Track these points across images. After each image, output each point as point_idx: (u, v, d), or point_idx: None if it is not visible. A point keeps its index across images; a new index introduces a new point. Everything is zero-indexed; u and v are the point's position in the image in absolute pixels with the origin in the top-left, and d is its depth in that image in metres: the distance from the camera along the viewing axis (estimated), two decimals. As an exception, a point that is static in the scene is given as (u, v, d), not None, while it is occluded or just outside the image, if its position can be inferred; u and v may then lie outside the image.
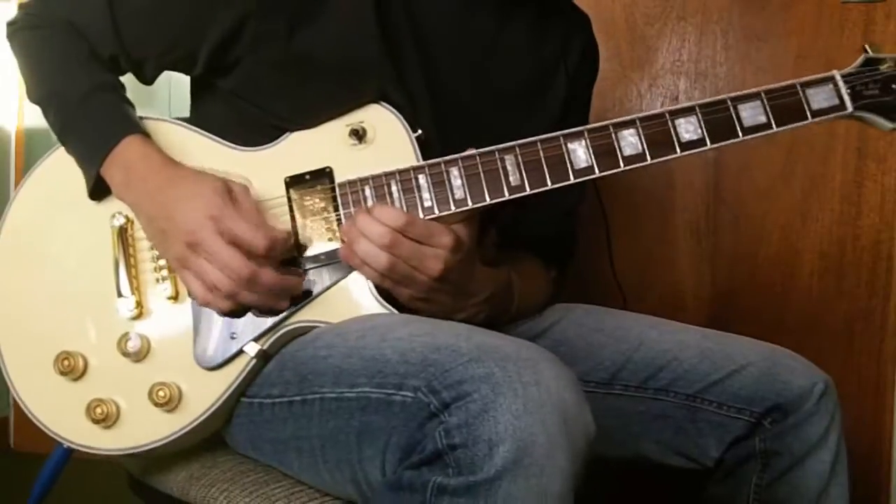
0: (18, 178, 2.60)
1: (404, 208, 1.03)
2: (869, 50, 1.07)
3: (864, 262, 1.89)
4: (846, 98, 1.05)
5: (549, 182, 1.04)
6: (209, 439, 1.09)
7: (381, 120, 1.08)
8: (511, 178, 1.04)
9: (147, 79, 1.16)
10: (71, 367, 1.03)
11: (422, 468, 0.80)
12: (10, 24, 1.17)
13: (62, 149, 1.11)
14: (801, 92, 1.05)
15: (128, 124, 1.08)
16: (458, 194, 1.04)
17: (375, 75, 1.09)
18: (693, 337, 1.16)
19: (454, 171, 1.04)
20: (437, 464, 0.79)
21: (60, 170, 1.11)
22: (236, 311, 1.02)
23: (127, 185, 1.05)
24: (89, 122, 1.08)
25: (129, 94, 1.13)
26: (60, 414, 1.04)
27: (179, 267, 1.01)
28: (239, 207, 1.00)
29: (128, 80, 1.16)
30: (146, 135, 1.08)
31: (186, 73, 1.16)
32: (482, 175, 1.04)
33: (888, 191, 1.86)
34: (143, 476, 1.15)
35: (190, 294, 1.02)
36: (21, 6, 1.18)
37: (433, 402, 0.81)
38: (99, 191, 1.08)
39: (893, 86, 1.06)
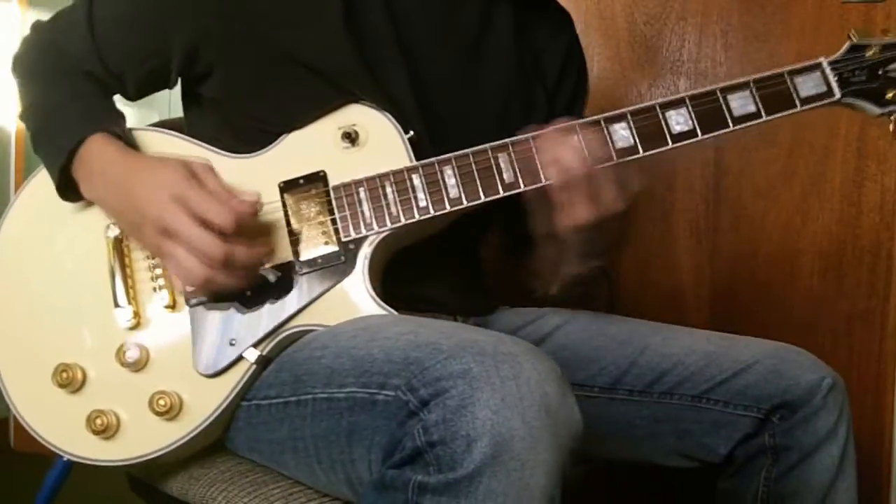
0: (18, 179, 2.60)
1: (399, 209, 1.04)
2: (853, 37, 1.08)
3: (864, 262, 1.88)
4: (834, 85, 1.06)
5: (543, 178, 1.04)
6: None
7: (373, 122, 1.08)
8: (505, 176, 1.04)
9: (130, 94, 1.16)
10: (70, 380, 1.03)
11: (404, 467, 0.80)
12: (14, 57, 1.19)
13: None
14: (788, 80, 1.06)
15: (94, 125, 1.07)
16: (453, 193, 1.04)
17: (349, 75, 1.09)
18: (698, 342, 1.16)
19: (448, 171, 1.05)
20: (417, 462, 0.79)
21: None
22: (218, 296, 1.03)
23: (90, 183, 1.05)
24: (59, 127, 1.08)
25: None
26: (60, 426, 1.04)
27: (159, 255, 1.02)
28: (203, 185, 1.00)
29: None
30: (116, 135, 1.07)
31: (164, 86, 1.17)
32: (476, 173, 1.04)
33: (888, 191, 1.86)
34: (143, 476, 1.15)
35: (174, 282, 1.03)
36: (21, 41, 1.20)
37: (412, 401, 0.81)
38: (66, 191, 1.08)
39: (880, 72, 1.07)
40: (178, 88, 1.21)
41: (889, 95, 1.07)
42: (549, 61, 1.28)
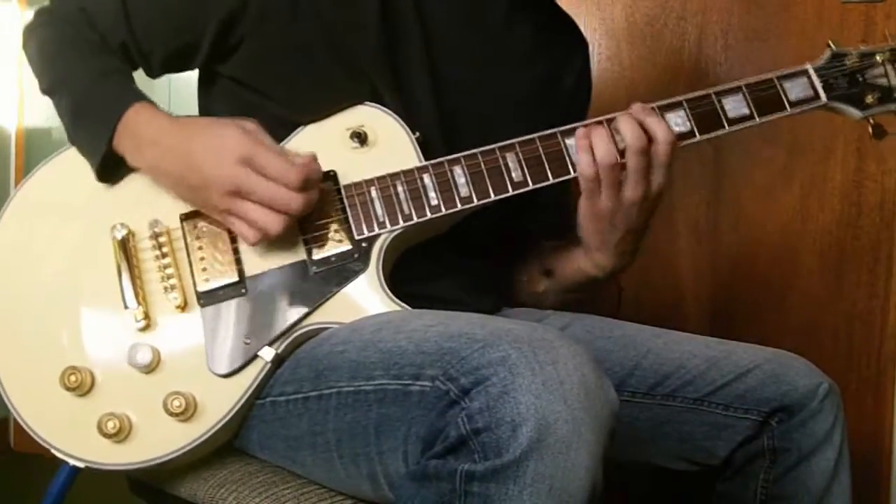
0: (18, 179, 2.60)
1: (412, 208, 1.05)
2: (832, 45, 1.15)
3: (864, 262, 1.89)
4: (819, 89, 1.13)
5: (550, 176, 1.08)
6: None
7: (381, 123, 1.09)
8: (514, 174, 1.07)
9: (153, 70, 1.17)
10: (78, 383, 1.01)
11: (447, 457, 0.80)
12: (27, 29, 1.18)
13: (55, 159, 1.11)
14: (778, 84, 1.12)
15: (134, 95, 1.08)
16: (464, 192, 1.06)
17: (369, 63, 1.11)
18: (699, 347, 1.17)
19: (458, 170, 1.07)
20: (462, 450, 0.79)
21: (56, 181, 1.10)
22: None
23: (139, 153, 1.05)
24: (102, 99, 1.08)
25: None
26: (70, 431, 1.02)
27: (224, 215, 1.02)
28: (265, 144, 1.01)
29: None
30: (154, 105, 1.08)
31: (190, 63, 1.17)
32: (485, 172, 1.07)
33: (888, 191, 1.86)
34: (148, 478, 1.14)
35: (242, 238, 1.03)
36: (36, 12, 1.19)
37: (452, 390, 0.81)
38: (106, 171, 1.07)
39: (860, 78, 1.14)
40: (178, 87, 1.20)
41: (868, 100, 1.14)
42: (565, 77, 1.31)
